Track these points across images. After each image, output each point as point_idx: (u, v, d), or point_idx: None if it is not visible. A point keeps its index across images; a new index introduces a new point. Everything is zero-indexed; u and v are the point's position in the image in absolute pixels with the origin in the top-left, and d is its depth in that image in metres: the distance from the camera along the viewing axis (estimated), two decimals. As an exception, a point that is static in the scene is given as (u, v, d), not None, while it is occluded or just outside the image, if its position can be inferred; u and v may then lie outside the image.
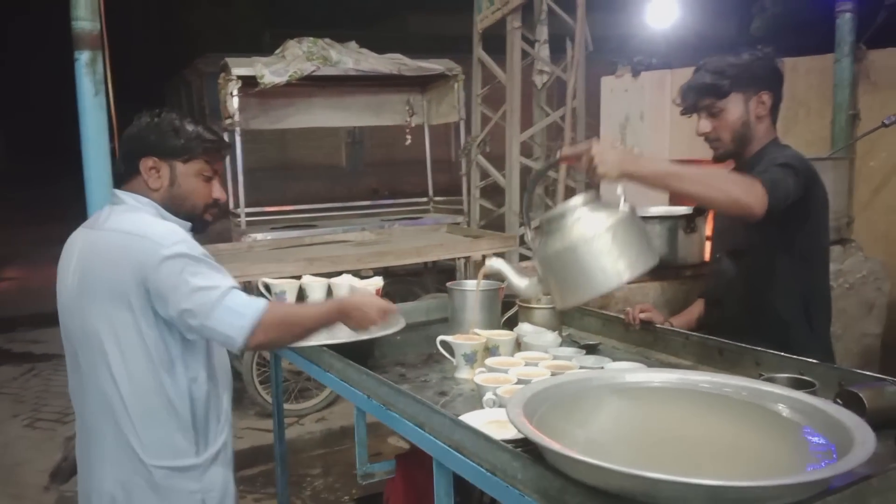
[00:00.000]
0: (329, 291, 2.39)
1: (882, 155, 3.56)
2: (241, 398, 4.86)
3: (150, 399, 1.64)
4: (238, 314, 1.62)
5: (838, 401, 1.53)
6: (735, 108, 1.97)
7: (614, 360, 1.90)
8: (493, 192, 6.68)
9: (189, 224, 1.76)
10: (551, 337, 2.03)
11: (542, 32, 5.83)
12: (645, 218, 2.83)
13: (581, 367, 1.78)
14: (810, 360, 1.74)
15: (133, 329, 1.62)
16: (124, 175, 1.75)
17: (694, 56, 5.28)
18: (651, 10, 5.35)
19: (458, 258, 5.21)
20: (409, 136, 6.48)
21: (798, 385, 1.54)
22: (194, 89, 19.83)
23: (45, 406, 5.02)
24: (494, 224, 6.32)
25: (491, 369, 1.79)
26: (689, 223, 2.74)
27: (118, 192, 1.75)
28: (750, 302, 2.03)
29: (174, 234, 1.65)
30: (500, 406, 1.56)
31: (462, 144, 6.38)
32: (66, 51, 2.74)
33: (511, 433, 1.40)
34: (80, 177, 2.76)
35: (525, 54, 5.74)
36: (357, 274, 4.96)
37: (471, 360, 1.92)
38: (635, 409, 1.29)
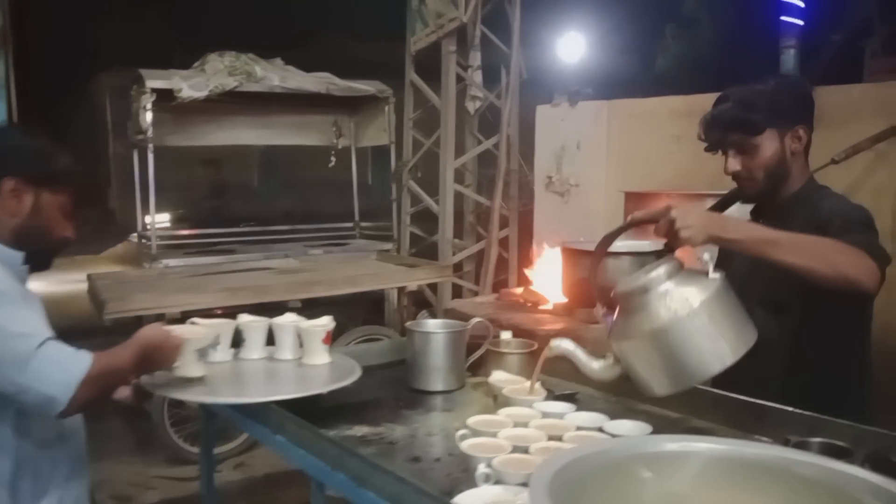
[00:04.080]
0: (270, 335, 2.09)
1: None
2: (149, 441, 4.40)
3: None
4: (62, 368, 1.36)
5: (865, 465, 1.38)
6: (770, 144, 1.79)
7: (605, 413, 1.69)
8: (422, 219, 6.48)
9: (20, 257, 1.52)
10: (533, 388, 1.81)
11: (476, 58, 5.72)
12: (613, 254, 2.68)
13: (578, 428, 1.56)
14: (819, 415, 1.58)
15: None
16: None
17: (602, 89, 5.34)
18: (562, 45, 5.41)
19: (392, 287, 4.95)
20: (333, 158, 6.20)
21: (830, 451, 1.37)
22: (97, 103, 18.76)
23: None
24: (425, 251, 6.10)
25: (475, 432, 1.54)
26: (662, 260, 2.59)
27: None
28: (794, 360, 1.81)
29: None
30: (497, 482, 1.32)
31: (392, 169, 6.16)
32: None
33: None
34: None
35: (458, 79, 5.61)
36: (283, 305, 4.63)
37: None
38: (691, 491, 1.07)
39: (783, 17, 3.54)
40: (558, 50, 5.54)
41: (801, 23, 3.44)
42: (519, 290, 2.93)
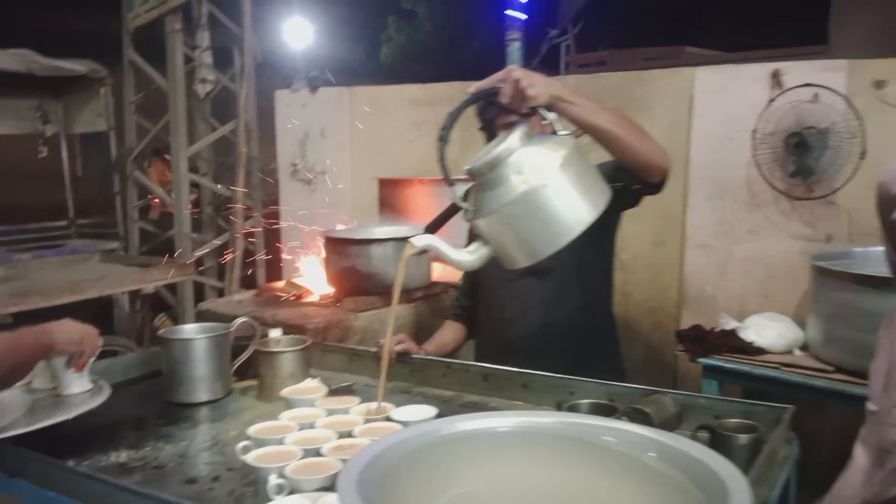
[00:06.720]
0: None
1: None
2: None
3: None
4: None
5: (623, 417, 1.53)
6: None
7: (389, 401, 1.67)
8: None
9: None
10: (311, 385, 1.73)
11: (204, 38, 5.33)
12: (372, 241, 2.67)
13: (366, 420, 1.52)
14: (577, 378, 1.73)
15: None
16: None
17: (340, 76, 5.36)
18: (289, 30, 5.33)
19: (125, 292, 4.46)
20: (43, 149, 5.41)
21: (599, 410, 1.50)
22: None
23: None
24: (160, 249, 5.59)
25: (258, 441, 1.43)
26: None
27: None
28: (556, 322, 1.96)
29: None
30: (293, 492, 1.24)
31: (114, 157, 5.54)
32: None
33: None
34: None
35: (187, 60, 5.19)
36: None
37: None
38: (494, 467, 1.09)
39: (508, 12, 3.80)
40: (286, 35, 5.40)
41: (524, 17, 3.73)
42: (280, 284, 2.80)
